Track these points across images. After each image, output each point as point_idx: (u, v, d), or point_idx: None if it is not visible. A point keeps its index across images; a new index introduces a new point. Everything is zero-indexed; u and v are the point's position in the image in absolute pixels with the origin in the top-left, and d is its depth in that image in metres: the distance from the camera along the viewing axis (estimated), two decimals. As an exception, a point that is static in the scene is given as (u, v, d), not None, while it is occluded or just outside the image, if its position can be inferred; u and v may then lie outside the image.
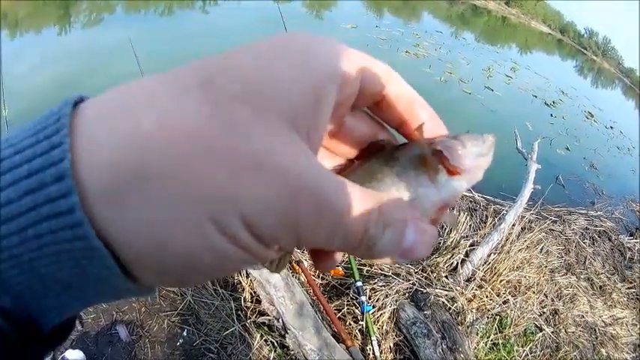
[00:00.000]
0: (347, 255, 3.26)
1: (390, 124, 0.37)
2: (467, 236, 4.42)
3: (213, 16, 13.59)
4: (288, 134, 0.24)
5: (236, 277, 3.45)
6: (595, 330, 4.48)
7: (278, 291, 3.05)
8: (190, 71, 0.24)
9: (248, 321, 3.21)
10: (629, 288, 5.46)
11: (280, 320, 2.97)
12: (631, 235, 7.04)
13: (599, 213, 7.02)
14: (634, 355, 4.55)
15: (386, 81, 0.33)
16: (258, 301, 3.23)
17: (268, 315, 3.12)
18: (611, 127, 14.63)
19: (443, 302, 3.54)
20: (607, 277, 5.40)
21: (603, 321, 4.68)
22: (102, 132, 0.21)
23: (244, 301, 3.33)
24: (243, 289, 3.37)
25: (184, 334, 3.28)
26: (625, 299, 5.23)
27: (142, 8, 13.35)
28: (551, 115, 12.28)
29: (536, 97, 13.56)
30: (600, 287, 5.18)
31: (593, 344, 4.34)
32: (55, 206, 0.20)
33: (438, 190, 0.34)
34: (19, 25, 9.69)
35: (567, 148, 9.90)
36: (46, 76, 6.47)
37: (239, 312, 3.29)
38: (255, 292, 3.30)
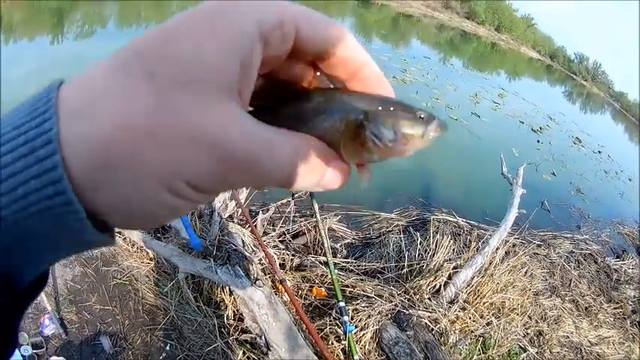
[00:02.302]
0: (331, 276, 3.34)
1: (335, 81, 0.40)
2: (450, 259, 4.46)
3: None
4: (222, 105, 0.29)
5: (219, 295, 3.49)
6: (581, 349, 4.55)
7: (261, 308, 3.09)
8: (135, 60, 0.28)
9: (231, 338, 3.24)
10: (615, 308, 5.52)
11: (263, 338, 3.01)
12: (617, 257, 7.13)
13: (584, 236, 7.12)
14: (621, 372, 4.61)
15: (333, 41, 0.36)
16: (241, 319, 3.26)
17: (251, 332, 3.15)
18: (599, 152, 14.78)
19: (426, 323, 3.60)
20: (593, 298, 5.47)
21: (589, 341, 4.74)
22: (74, 131, 0.26)
23: (227, 318, 3.36)
24: (227, 307, 3.41)
25: (167, 348, 3.31)
26: (611, 319, 5.30)
27: (133, 23, 13.35)
28: (538, 141, 12.35)
29: (523, 123, 13.63)
30: (586, 308, 5.24)
31: (579, 363, 4.40)
32: (42, 165, 0.25)
33: (358, 154, 0.38)
34: (13, 30, 9.70)
35: (553, 173, 9.95)
36: (39, 85, 6.40)
37: (222, 329, 3.32)
38: (238, 310, 3.33)
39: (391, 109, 0.39)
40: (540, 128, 13.76)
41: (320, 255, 4.19)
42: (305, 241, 4.43)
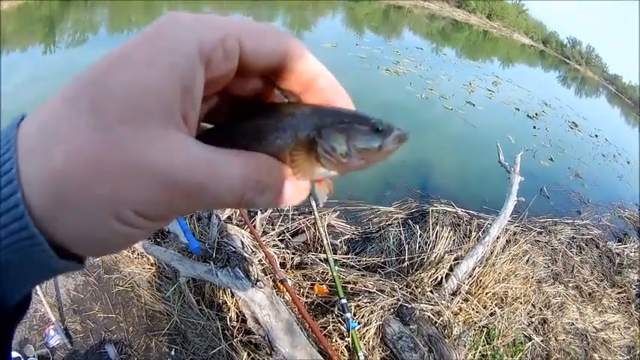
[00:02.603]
0: (331, 273, 3.33)
1: (291, 93, 0.40)
2: (451, 251, 4.46)
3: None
4: (163, 134, 0.29)
5: (221, 297, 3.49)
6: (586, 336, 4.55)
7: (263, 309, 3.09)
8: (83, 94, 0.29)
9: (235, 340, 3.25)
10: (619, 293, 5.53)
11: (266, 338, 3.01)
12: (619, 240, 7.15)
13: (585, 221, 7.13)
14: (628, 357, 4.61)
15: (281, 53, 0.36)
16: (244, 320, 3.27)
17: (254, 333, 3.16)
18: (596, 136, 14.78)
19: (428, 316, 3.59)
20: (596, 283, 5.48)
21: (594, 327, 4.74)
22: (31, 169, 0.28)
23: (230, 321, 3.37)
24: (229, 309, 3.42)
25: (172, 353, 3.33)
26: (616, 304, 5.31)
27: (125, 29, 13.32)
28: (534, 127, 12.33)
29: (518, 110, 13.63)
30: (589, 294, 5.25)
31: (585, 350, 4.40)
32: (7, 203, 0.27)
33: (313, 170, 0.38)
34: (5, 42, 9.71)
35: (551, 159, 9.95)
36: (32, 96, 6.33)
37: (225, 331, 3.33)
38: (240, 311, 3.34)
39: (345, 121, 0.38)
40: (536, 114, 13.75)
41: (320, 252, 4.18)
42: (305, 239, 4.42)
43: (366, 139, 0.38)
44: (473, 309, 3.91)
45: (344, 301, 3.10)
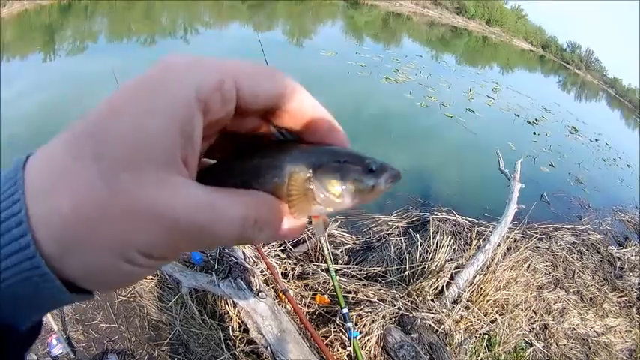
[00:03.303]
0: (333, 283, 3.34)
1: (288, 131, 0.41)
2: (451, 259, 4.47)
3: (195, 45, 13.65)
4: (164, 179, 0.30)
5: (223, 307, 3.51)
6: (587, 340, 4.55)
7: (265, 319, 3.11)
8: (86, 140, 0.30)
9: (237, 349, 3.27)
10: (620, 296, 5.52)
11: (269, 348, 3.02)
12: (620, 244, 7.12)
13: (586, 226, 7.11)
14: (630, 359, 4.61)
15: (278, 94, 0.37)
16: (247, 330, 3.28)
17: (257, 343, 3.17)
18: (596, 140, 14.76)
19: (430, 325, 3.61)
20: (597, 288, 5.47)
21: (595, 331, 4.74)
22: (39, 212, 0.29)
23: (232, 330, 3.39)
24: (231, 319, 3.43)
25: None
26: (617, 308, 5.30)
27: (124, 37, 13.38)
28: (534, 133, 12.31)
29: (518, 116, 13.61)
30: (590, 299, 5.24)
31: (587, 354, 4.41)
32: (18, 243, 0.29)
33: (308, 208, 0.38)
34: (5, 49, 9.76)
35: (551, 165, 9.94)
36: (33, 103, 6.54)
37: (228, 341, 3.35)
38: (242, 322, 3.35)
39: (340, 161, 0.39)
40: (536, 120, 13.74)
41: (321, 262, 4.19)
42: (306, 249, 4.43)
43: (360, 180, 0.39)
44: (474, 316, 3.92)
45: (345, 310, 3.11)
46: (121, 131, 0.30)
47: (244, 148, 0.41)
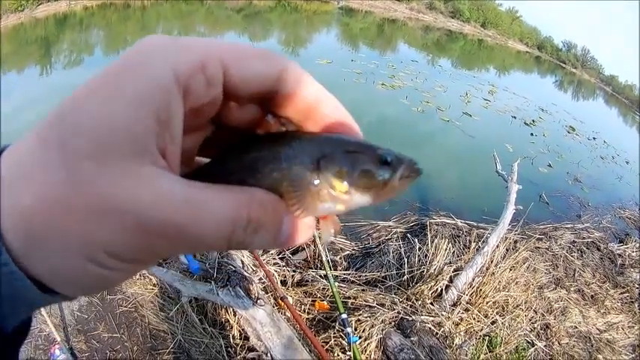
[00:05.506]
0: (331, 289, 3.35)
1: (290, 121, 0.36)
2: (450, 262, 4.49)
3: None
4: (130, 169, 0.27)
5: (224, 316, 3.53)
6: (590, 338, 4.55)
7: (264, 326, 3.12)
8: (52, 129, 0.28)
9: (238, 357, 3.29)
10: (622, 293, 5.53)
11: (269, 355, 3.04)
12: (621, 241, 7.14)
13: (585, 225, 7.13)
14: (633, 356, 4.61)
15: (272, 77, 0.33)
16: (247, 338, 3.30)
17: (257, 350, 3.18)
18: (594, 138, 14.77)
19: (429, 328, 3.61)
20: (598, 285, 5.48)
21: (597, 328, 4.75)
22: (6, 205, 0.27)
23: (233, 338, 3.41)
24: (231, 327, 3.45)
25: None
26: (619, 304, 5.31)
27: (121, 49, 13.17)
28: (532, 134, 12.30)
29: (515, 117, 13.59)
30: (592, 297, 5.25)
31: (589, 352, 4.41)
32: None
33: (313, 206, 0.33)
34: (1, 64, 9.74)
35: (550, 165, 9.93)
36: (30, 118, 6.50)
37: (229, 348, 3.36)
38: (242, 329, 3.36)
39: (348, 151, 0.34)
40: (533, 121, 13.73)
41: (320, 269, 4.21)
42: (305, 256, 4.44)
43: (372, 173, 0.34)
44: (474, 318, 3.92)
45: (344, 316, 3.11)
46: (87, 117, 0.27)
47: (241, 142, 0.36)
